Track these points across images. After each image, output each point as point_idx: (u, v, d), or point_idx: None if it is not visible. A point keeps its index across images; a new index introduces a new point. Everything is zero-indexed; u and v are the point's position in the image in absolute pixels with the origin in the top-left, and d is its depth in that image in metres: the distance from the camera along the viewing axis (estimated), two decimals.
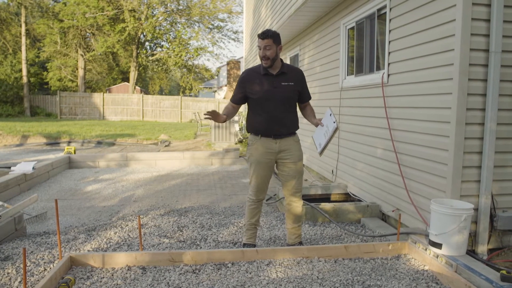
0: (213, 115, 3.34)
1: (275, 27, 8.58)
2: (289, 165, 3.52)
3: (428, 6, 3.71)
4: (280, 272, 3.06)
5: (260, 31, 11.40)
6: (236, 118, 12.74)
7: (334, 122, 3.39)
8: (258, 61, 11.83)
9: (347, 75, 5.81)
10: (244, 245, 3.65)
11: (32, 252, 3.56)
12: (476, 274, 2.76)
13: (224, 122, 3.51)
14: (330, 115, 3.47)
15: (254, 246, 3.65)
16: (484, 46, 3.30)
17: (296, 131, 3.61)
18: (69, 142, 13.86)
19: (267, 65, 3.39)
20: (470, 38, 3.27)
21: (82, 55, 31.02)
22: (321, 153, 3.60)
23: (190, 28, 32.08)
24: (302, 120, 4.00)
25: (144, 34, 31.51)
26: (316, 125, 3.58)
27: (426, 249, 3.25)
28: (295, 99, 3.58)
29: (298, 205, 3.61)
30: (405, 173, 4.10)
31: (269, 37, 3.34)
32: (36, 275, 3.09)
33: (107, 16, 28.20)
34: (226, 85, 35.27)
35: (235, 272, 3.06)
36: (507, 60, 3.33)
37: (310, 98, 3.72)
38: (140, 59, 31.85)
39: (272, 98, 3.43)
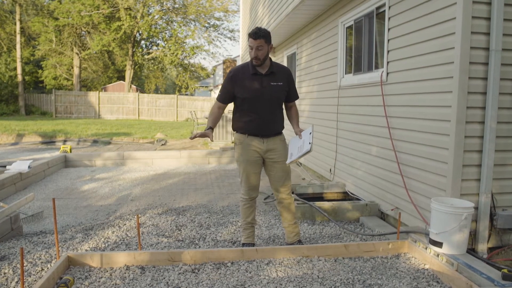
0: (202, 136, 3.31)
1: (272, 25, 8.55)
2: (276, 165, 3.51)
3: (428, 4, 3.69)
4: (280, 271, 3.04)
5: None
6: None
7: (309, 143, 3.24)
8: None
9: (345, 73, 5.80)
10: (243, 244, 3.63)
11: (29, 251, 3.52)
12: (477, 273, 2.76)
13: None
14: (310, 133, 3.33)
15: (253, 245, 3.63)
16: (485, 44, 3.29)
17: (282, 131, 3.61)
18: (64, 141, 13.77)
19: (258, 64, 3.36)
20: (470, 36, 3.26)
21: (77, 54, 30.84)
22: (289, 163, 3.48)
23: (186, 26, 31.98)
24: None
25: (140, 32, 31.39)
26: (296, 134, 3.53)
27: (426, 248, 3.24)
28: (283, 99, 3.57)
29: (290, 202, 3.63)
30: (404, 171, 4.09)
31: (261, 37, 3.27)
32: (34, 275, 3.05)
33: (103, 14, 28.02)
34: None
35: (235, 272, 3.04)
36: (508, 59, 3.33)
37: (297, 97, 3.69)
38: (136, 58, 31.73)
39: (261, 98, 3.40)
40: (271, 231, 4.18)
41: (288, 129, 3.91)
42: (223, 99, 3.52)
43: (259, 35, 3.27)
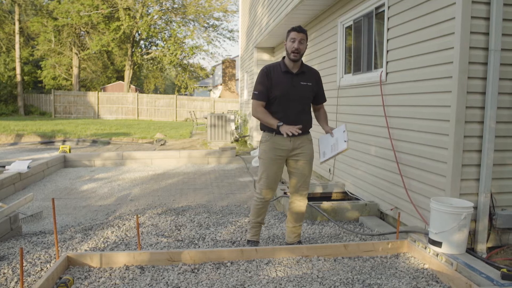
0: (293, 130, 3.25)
1: (271, 25, 8.56)
2: (300, 163, 3.49)
3: (427, 4, 3.70)
4: (280, 271, 3.04)
5: (256, 30, 11.35)
6: (232, 117, 12.70)
7: (345, 142, 3.32)
8: (253, 60, 11.81)
9: (345, 73, 5.80)
10: (248, 241, 3.64)
11: (28, 251, 3.52)
12: (476, 273, 2.76)
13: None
14: (344, 131, 3.40)
15: (258, 243, 3.65)
16: (484, 44, 3.30)
17: (310, 131, 3.60)
18: (64, 141, 13.76)
19: (296, 58, 3.37)
20: (469, 36, 3.26)
21: (76, 54, 30.82)
22: (323, 162, 3.56)
23: (185, 26, 31.98)
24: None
25: (139, 32, 31.38)
26: (326, 133, 3.56)
27: (425, 248, 3.25)
28: (311, 100, 3.58)
29: (303, 204, 3.59)
30: (404, 171, 4.09)
31: (304, 32, 3.37)
32: (33, 275, 3.04)
33: (102, 15, 28.01)
34: (221, 84, 35.20)
35: (234, 271, 3.04)
36: (507, 59, 3.33)
37: (325, 100, 3.71)
38: (135, 58, 31.71)
39: (290, 96, 3.40)
40: (270, 231, 4.18)
41: (315, 130, 3.89)
42: (263, 96, 3.42)
43: (303, 30, 3.36)
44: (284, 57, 3.50)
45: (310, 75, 3.52)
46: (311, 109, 3.64)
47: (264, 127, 3.52)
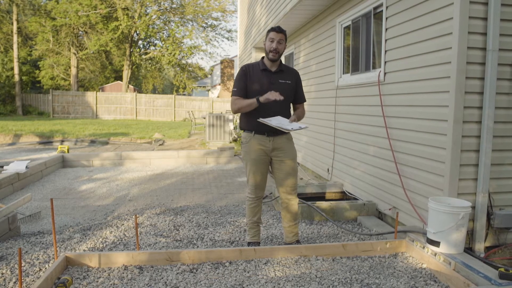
0: (274, 97, 3.25)
1: (270, 25, 8.56)
2: (283, 163, 3.51)
3: (425, 4, 3.71)
4: (278, 271, 3.05)
5: (254, 30, 11.35)
6: (230, 116, 12.70)
7: (292, 128, 3.27)
8: (252, 60, 11.81)
9: (343, 73, 5.81)
10: (249, 243, 3.63)
11: (26, 252, 3.52)
12: (474, 272, 2.77)
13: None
14: (299, 127, 3.34)
15: (259, 244, 3.65)
16: (482, 44, 3.30)
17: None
18: (62, 141, 13.74)
19: (275, 57, 3.40)
20: (467, 37, 3.27)
21: (75, 54, 30.77)
22: (260, 120, 3.35)
23: (184, 26, 32.00)
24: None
25: (138, 32, 31.35)
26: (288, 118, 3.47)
27: (424, 247, 3.25)
28: (291, 98, 3.59)
29: (294, 203, 3.61)
30: (402, 171, 4.10)
31: (283, 32, 3.42)
32: (32, 275, 3.04)
33: (100, 14, 27.98)
34: (219, 84, 35.20)
35: (233, 271, 3.04)
36: (504, 59, 3.34)
37: (304, 100, 3.72)
38: (133, 58, 31.67)
39: None
40: (269, 231, 4.19)
41: (296, 137, 3.88)
42: (241, 92, 3.46)
43: (281, 30, 3.42)
44: (263, 57, 3.53)
45: (289, 74, 3.55)
46: (291, 110, 3.64)
47: (244, 126, 3.54)
